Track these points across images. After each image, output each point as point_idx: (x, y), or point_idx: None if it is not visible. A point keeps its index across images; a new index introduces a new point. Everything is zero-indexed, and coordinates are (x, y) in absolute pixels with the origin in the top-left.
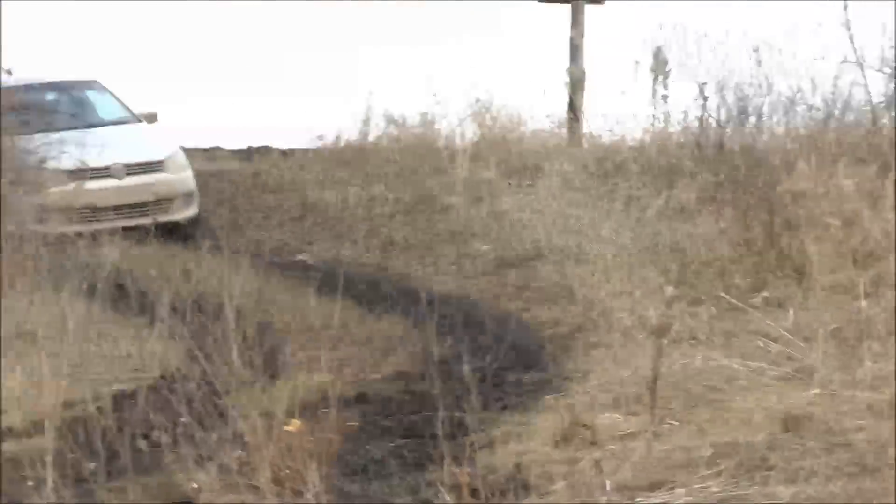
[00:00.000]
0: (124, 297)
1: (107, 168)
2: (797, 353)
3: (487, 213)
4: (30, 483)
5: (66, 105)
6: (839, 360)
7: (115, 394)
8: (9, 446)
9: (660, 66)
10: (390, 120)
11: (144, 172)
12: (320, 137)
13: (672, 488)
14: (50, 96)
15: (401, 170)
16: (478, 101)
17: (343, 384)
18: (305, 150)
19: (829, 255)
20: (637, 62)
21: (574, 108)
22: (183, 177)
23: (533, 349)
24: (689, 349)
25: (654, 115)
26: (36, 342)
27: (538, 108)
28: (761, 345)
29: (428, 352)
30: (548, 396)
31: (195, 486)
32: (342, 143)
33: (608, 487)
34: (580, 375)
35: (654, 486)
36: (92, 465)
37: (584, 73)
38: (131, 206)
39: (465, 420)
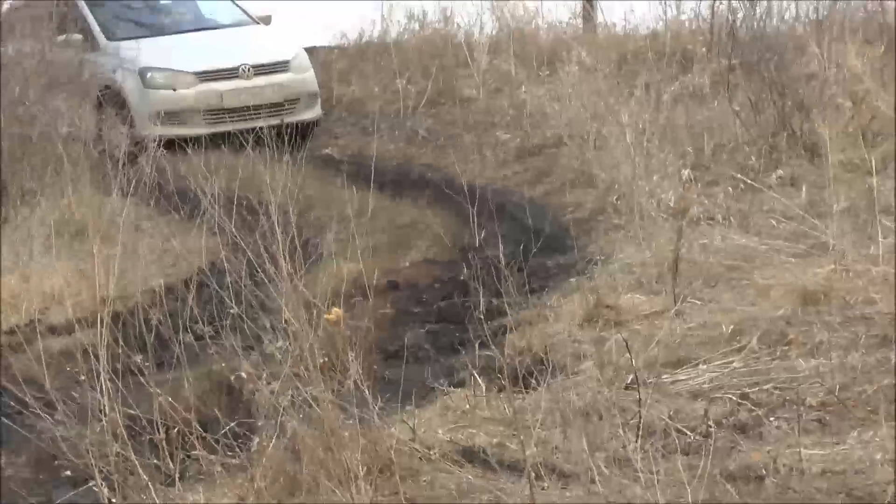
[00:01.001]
0: (168, 196)
1: (235, 69)
2: (812, 230)
3: (508, 104)
4: (81, 377)
5: (182, 8)
6: (853, 236)
7: (158, 288)
8: (55, 342)
9: None
10: (410, 16)
11: (272, 73)
12: (343, 35)
13: (696, 364)
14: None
15: (422, 64)
16: None
17: (375, 272)
18: (329, 48)
19: (840, 134)
20: None
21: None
22: (307, 77)
23: (556, 233)
24: (708, 229)
25: (666, 3)
26: (77, 239)
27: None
28: (776, 223)
29: (454, 239)
30: (572, 279)
31: (241, 375)
32: (364, 41)
33: (635, 365)
34: (603, 258)
35: (678, 364)
36: (139, 359)
37: None
38: (260, 107)
39: (493, 304)
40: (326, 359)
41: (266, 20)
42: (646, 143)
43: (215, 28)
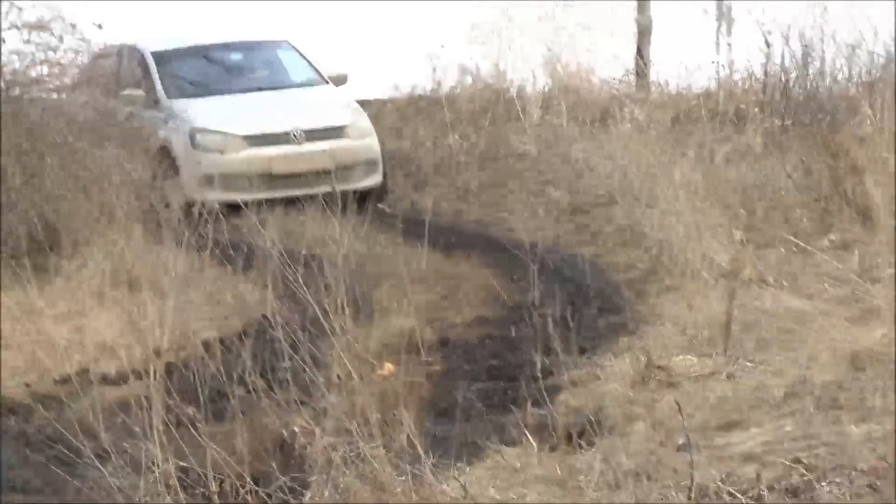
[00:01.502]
0: (222, 248)
1: (285, 133)
2: (864, 294)
3: (560, 160)
4: (136, 429)
5: (250, 66)
6: None
7: (210, 339)
8: (108, 392)
9: (725, 16)
10: (464, 70)
11: (324, 138)
12: (395, 87)
13: (748, 428)
14: (235, 57)
15: (474, 119)
16: (549, 50)
17: (426, 329)
18: (382, 101)
19: (892, 197)
20: (705, 11)
21: (642, 57)
22: (366, 143)
23: (608, 293)
24: (759, 291)
25: (719, 63)
26: (130, 290)
27: (607, 58)
28: (828, 286)
29: (506, 296)
30: (623, 339)
31: (294, 429)
32: (416, 94)
33: (686, 427)
34: (654, 318)
35: (730, 426)
36: (191, 411)
37: (651, 21)
38: (308, 174)
39: (544, 362)
40: (379, 414)
41: (340, 79)
42: (698, 203)
43: (280, 88)
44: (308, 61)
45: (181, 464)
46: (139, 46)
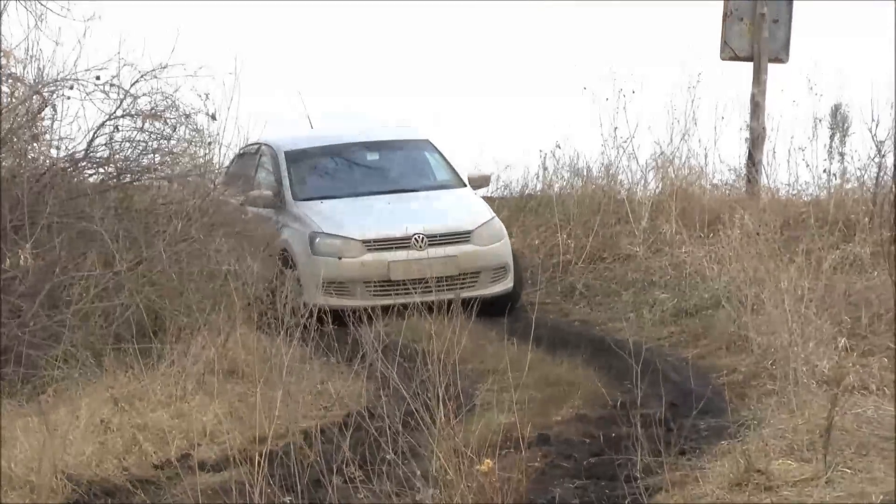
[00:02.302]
0: (327, 339)
1: (406, 238)
2: None
3: (668, 263)
4: None
5: (384, 167)
6: None
7: (312, 429)
8: (205, 479)
9: (839, 124)
10: (574, 171)
11: (448, 244)
12: (506, 186)
13: None
14: (370, 157)
15: (583, 219)
16: (661, 153)
17: (526, 426)
18: (491, 199)
19: None
20: (819, 119)
21: (753, 163)
22: (493, 249)
23: (709, 396)
24: (861, 399)
25: (830, 171)
26: (230, 378)
27: (719, 163)
28: None
29: (607, 396)
30: (723, 442)
31: None
32: (526, 192)
33: None
34: (755, 422)
35: None
36: (288, 500)
37: (764, 129)
38: (431, 280)
39: (644, 463)
40: None
41: (482, 181)
42: (803, 310)
43: (412, 191)
44: (447, 162)
45: None
46: (274, 144)
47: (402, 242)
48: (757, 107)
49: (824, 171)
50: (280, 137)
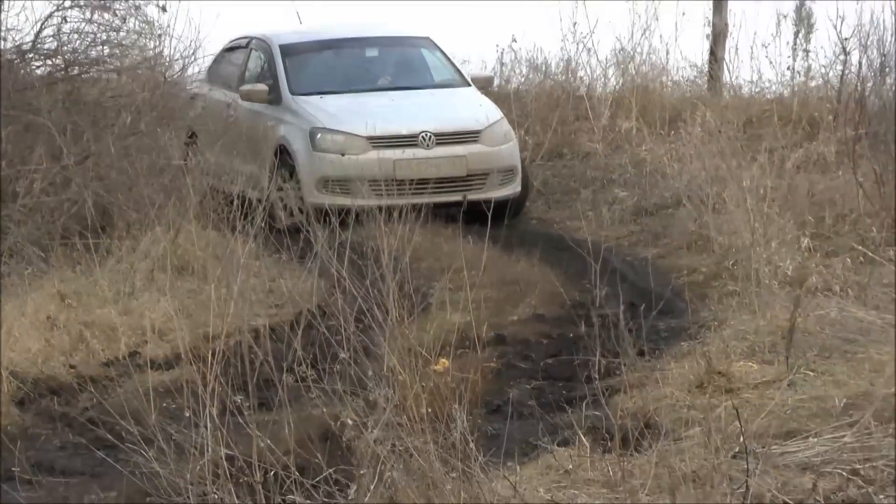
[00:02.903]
0: (278, 235)
1: (413, 136)
2: None
3: (628, 161)
4: (187, 414)
5: (386, 64)
6: None
7: (263, 328)
8: (153, 377)
9: (803, 21)
10: (533, 66)
11: (455, 143)
12: None
13: (806, 437)
14: (370, 53)
15: (541, 116)
16: (622, 49)
17: (482, 325)
18: None
19: None
20: (783, 15)
21: (716, 59)
22: (501, 150)
23: (669, 296)
24: (824, 300)
25: (794, 69)
26: (180, 274)
27: (680, 60)
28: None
29: (564, 296)
30: (683, 343)
31: (347, 421)
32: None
33: (744, 434)
34: (716, 323)
35: (788, 435)
36: (239, 399)
37: (726, 25)
38: (437, 181)
39: (601, 364)
40: (430, 409)
41: (485, 81)
42: (766, 210)
43: (415, 88)
44: (450, 61)
45: (227, 452)
46: (267, 38)
47: (408, 140)
48: (719, 2)
49: (788, 68)
50: (273, 31)
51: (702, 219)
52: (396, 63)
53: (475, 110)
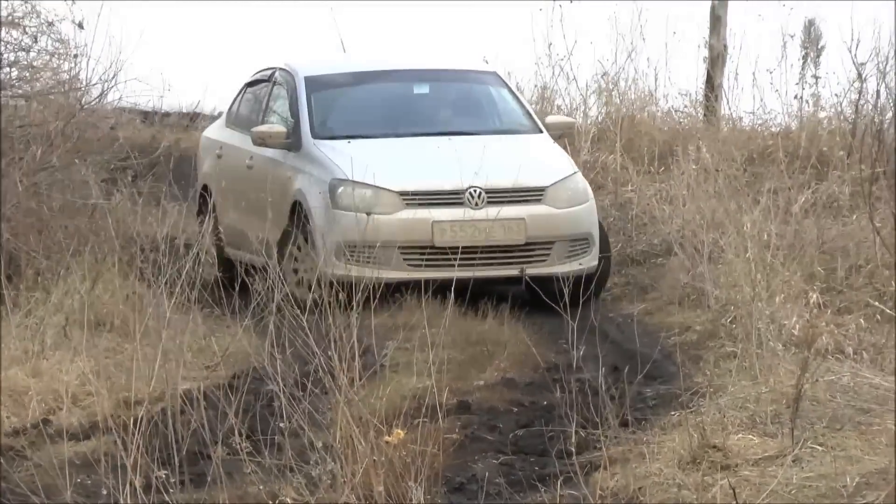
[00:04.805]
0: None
1: (457, 193)
2: None
3: (610, 203)
4: (105, 491)
5: (436, 103)
6: None
7: (188, 392)
8: (68, 448)
9: (812, 43)
10: None
11: (512, 202)
12: None
13: None
14: (418, 89)
15: None
16: (605, 74)
17: (443, 391)
18: None
19: None
20: (790, 35)
21: (712, 87)
22: (573, 213)
23: (658, 358)
24: (835, 364)
25: (802, 97)
26: (97, 331)
27: (671, 86)
28: None
29: (538, 358)
30: (673, 413)
31: (286, 500)
32: None
33: None
34: (711, 390)
35: None
36: (164, 474)
37: (725, 47)
38: (488, 250)
39: (580, 435)
40: (383, 487)
41: (562, 127)
42: (769, 260)
43: (470, 134)
44: (519, 101)
45: None
46: (291, 68)
47: (452, 197)
48: (717, 21)
49: (795, 97)
50: (302, 61)
51: (696, 269)
52: (451, 102)
53: (541, 162)
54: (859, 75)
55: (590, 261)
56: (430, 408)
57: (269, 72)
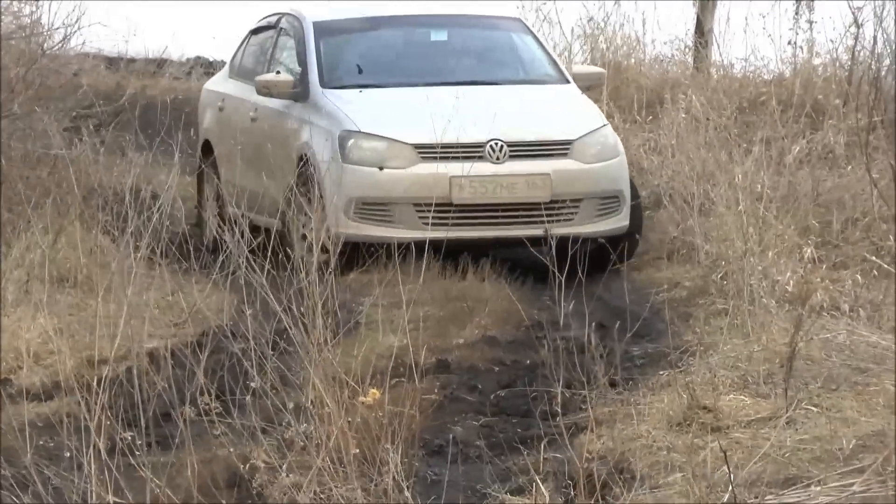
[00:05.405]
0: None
1: (478, 146)
2: None
3: None
4: (68, 454)
5: (456, 50)
6: None
7: (155, 351)
8: (29, 409)
9: None
10: None
11: (537, 157)
12: None
13: (808, 485)
14: (437, 35)
15: None
16: (590, 19)
17: (421, 349)
18: None
19: None
20: None
21: (703, 32)
22: (603, 168)
23: (646, 315)
24: (831, 321)
25: (796, 43)
26: (60, 286)
27: (659, 32)
28: None
29: (521, 314)
30: (662, 372)
31: (258, 463)
32: None
33: (734, 481)
34: (701, 348)
35: (786, 483)
36: (130, 436)
37: None
38: (510, 207)
39: (564, 396)
40: (358, 450)
41: (591, 78)
42: (762, 212)
43: (492, 84)
44: (545, 50)
45: (115, 500)
46: (299, 14)
47: (471, 150)
48: None
49: (789, 42)
50: (311, 5)
51: (685, 223)
52: (471, 50)
53: (568, 114)
54: (855, 20)
55: (620, 220)
56: (407, 367)
57: (274, 18)
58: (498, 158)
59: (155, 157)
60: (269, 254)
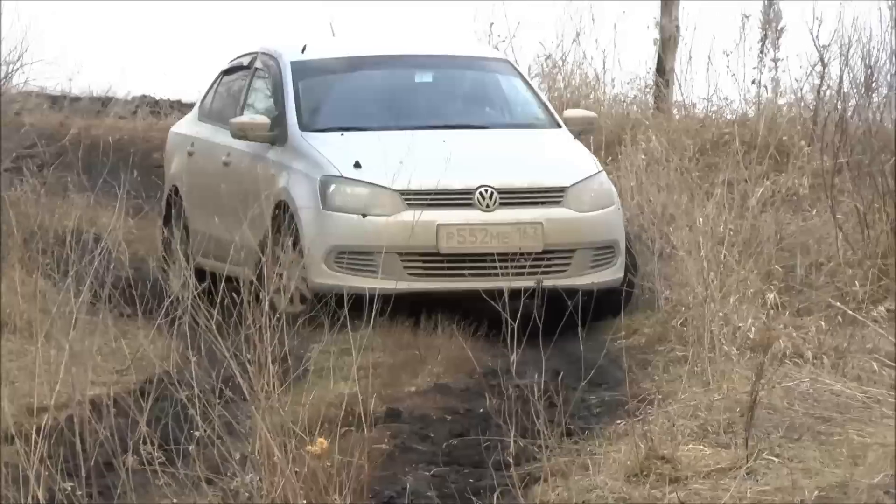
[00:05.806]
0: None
1: (466, 193)
2: None
3: None
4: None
5: (441, 92)
6: None
7: (97, 398)
8: None
9: (771, 23)
10: None
11: (528, 204)
12: None
13: None
14: (420, 77)
15: None
16: (548, 57)
17: (371, 397)
18: None
19: None
20: (747, 16)
21: (664, 71)
22: (597, 217)
23: (602, 363)
24: (794, 369)
25: (760, 82)
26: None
27: (619, 71)
28: (879, 367)
29: (474, 363)
30: (620, 421)
31: None
32: None
33: None
34: (660, 397)
35: None
36: (69, 486)
37: (677, 28)
38: (500, 258)
39: (518, 446)
40: (306, 501)
41: (582, 123)
42: (724, 257)
43: (479, 128)
44: (534, 92)
45: None
46: (275, 53)
47: (460, 198)
48: (668, 1)
49: (753, 81)
50: (286, 44)
51: (645, 268)
52: (457, 92)
53: (561, 160)
54: (821, 59)
55: (615, 272)
56: (357, 415)
57: (248, 58)
58: (488, 206)
59: (98, 198)
60: (218, 300)
